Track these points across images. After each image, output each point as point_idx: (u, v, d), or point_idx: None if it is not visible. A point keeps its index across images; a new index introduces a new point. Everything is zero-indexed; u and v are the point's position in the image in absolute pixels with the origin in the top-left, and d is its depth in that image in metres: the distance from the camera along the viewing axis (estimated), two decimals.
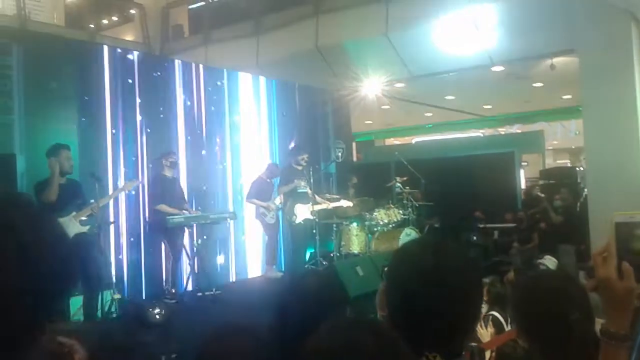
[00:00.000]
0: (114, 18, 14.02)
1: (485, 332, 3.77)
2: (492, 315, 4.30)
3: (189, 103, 7.72)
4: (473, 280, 1.30)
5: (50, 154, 5.26)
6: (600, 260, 1.17)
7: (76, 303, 5.29)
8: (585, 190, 8.05)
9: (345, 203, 8.11)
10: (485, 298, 4.77)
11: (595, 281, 1.19)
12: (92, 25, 11.41)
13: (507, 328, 3.99)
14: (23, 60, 6.03)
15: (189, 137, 7.64)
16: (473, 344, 1.46)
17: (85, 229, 5.31)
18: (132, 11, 12.36)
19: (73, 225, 5.17)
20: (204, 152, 7.85)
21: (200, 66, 8.13)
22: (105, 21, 13.79)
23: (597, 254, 1.18)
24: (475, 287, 1.31)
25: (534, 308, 1.58)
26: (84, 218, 5.31)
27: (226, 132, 8.22)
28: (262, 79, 8.94)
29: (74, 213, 5.22)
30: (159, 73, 7.43)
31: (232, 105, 8.34)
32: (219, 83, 8.21)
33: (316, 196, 7.66)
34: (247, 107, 8.57)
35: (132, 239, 6.80)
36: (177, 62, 7.91)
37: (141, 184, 6.76)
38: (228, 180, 8.16)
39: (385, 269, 1.43)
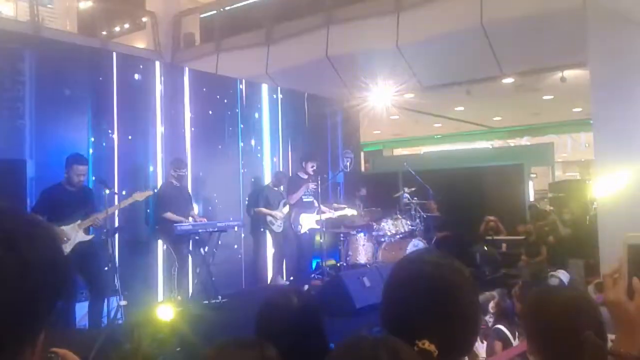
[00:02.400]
0: (126, 25, 14.15)
1: (481, 346, 3.72)
2: (498, 329, 4.25)
3: (199, 110, 7.75)
4: (470, 297, 1.29)
5: (66, 164, 5.27)
6: (610, 283, 1.15)
7: (81, 310, 5.29)
8: (595, 203, 7.98)
9: (349, 212, 8.04)
10: (492, 311, 4.72)
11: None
12: (104, 33, 11.50)
13: (515, 342, 3.94)
14: (35, 67, 6.08)
15: (199, 145, 7.67)
16: None
17: (89, 237, 5.30)
18: (144, 19, 12.47)
19: (76, 233, 5.17)
20: (215, 160, 7.86)
21: (212, 74, 8.17)
22: (117, 28, 13.91)
23: (607, 276, 1.16)
24: (473, 304, 1.29)
25: (546, 323, 1.55)
26: (89, 226, 5.30)
27: (237, 140, 8.25)
28: (273, 88, 8.96)
29: (79, 221, 5.20)
30: (169, 80, 7.47)
31: (242, 113, 8.36)
32: (230, 91, 8.24)
33: (321, 206, 7.64)
34: (256, 116, 8.59)
35: (138, 247, 6.81)
36: (188, 70, 7.94)
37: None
38: (237, 188, 8.16)
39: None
